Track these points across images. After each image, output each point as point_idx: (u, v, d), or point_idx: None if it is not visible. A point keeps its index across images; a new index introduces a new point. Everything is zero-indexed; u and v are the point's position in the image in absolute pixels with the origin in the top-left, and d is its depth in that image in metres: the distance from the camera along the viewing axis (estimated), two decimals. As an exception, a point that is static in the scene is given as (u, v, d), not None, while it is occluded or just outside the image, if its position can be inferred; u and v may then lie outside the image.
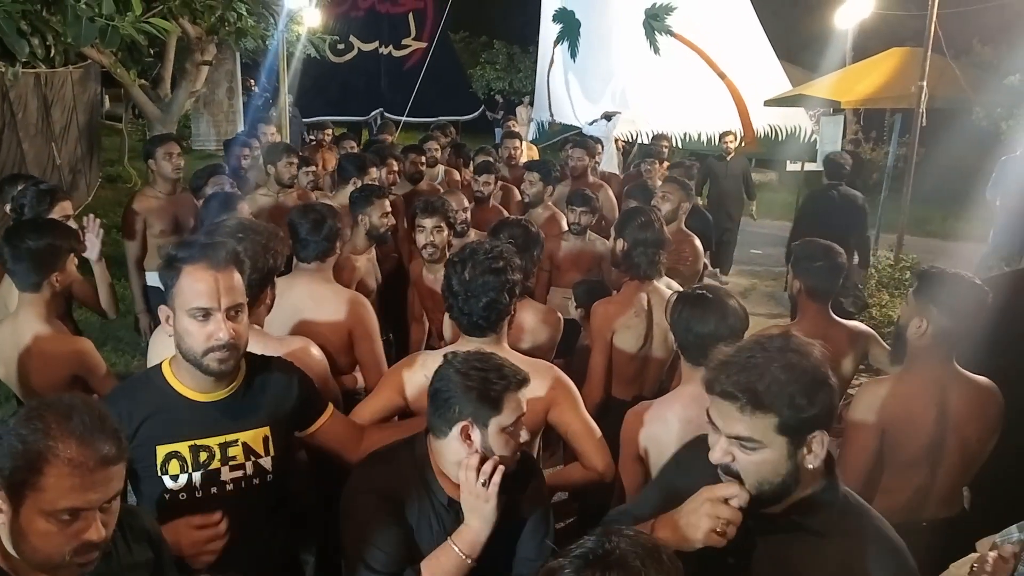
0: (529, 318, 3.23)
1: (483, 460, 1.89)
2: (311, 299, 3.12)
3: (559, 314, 3.50)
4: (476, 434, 1.92)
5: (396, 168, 6.05)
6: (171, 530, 1.97)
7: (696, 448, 1.84)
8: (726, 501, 1.55)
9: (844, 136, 11.35)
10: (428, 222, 3.85)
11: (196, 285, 1.97)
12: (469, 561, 1.89)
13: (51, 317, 2.96)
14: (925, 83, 7.70)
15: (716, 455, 1.61)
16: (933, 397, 2.55)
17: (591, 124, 13.25)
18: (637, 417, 2.48)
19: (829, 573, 1.63)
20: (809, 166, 11.53)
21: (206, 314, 1.97)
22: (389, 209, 4.20)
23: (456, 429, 1.92)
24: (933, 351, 2.58)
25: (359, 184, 4.83)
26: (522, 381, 1.97)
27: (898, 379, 2.64)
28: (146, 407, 2.01)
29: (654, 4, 13.69)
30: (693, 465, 1.81)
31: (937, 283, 2.58)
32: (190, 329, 1.98)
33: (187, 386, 2.07)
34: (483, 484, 1.87)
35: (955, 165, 8.88)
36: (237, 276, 2.05)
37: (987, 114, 11.25)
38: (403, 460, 2.03)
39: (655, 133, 10.67)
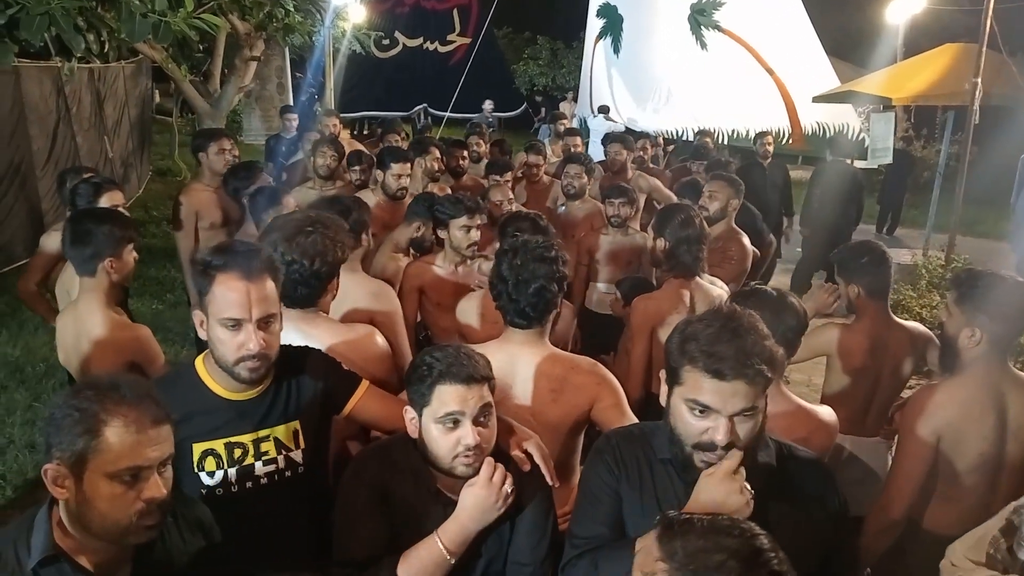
0: None
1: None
2: None
3: (571, 305, 3.46)
4: (413, 420, 1.95)
5: (439, 155, 5.85)
6: None
7: (615, 449, 1.89)
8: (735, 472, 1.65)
9: (895, 133, 11.13)
10: (477, 220, 3.74)
11: (229, 295, 1.98)
12: (451, 559, 1.86)
13: (111, 304, 3.02)
14: (980, 80, 7.52)
15: (723, 436, 1.65)
16: (991, 401, 2.48)
17: (593, 118, 13.29)
18: None
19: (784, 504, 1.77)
20: (858, 163, 11.32)
21: (237, 324, 1.99)
22: (408, 172, 4.67)
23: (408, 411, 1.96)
24: (987, 356, 2.51)
25: None
26: (470, 377, 1.89)
27: (953, 384, 2.56)
28: (182, 405, 1.99)
29: (700, 0, 13.57)
30: (627, 462, 1.86)
31: (980, 289, 2.51)
32: (222, 338, 2.01)
33: (221, 385, 2.10)
34: (509, 491, 1.87)
35: (1010, 164, 8.64)
36: (270, 284, 2.05)
37: (1044, 112, 10.93)
38: (397, 452, 2.02)
39: (699, 129, 10.60)
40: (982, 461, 2.49)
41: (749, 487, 1.64)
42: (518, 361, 2.47)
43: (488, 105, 16.42)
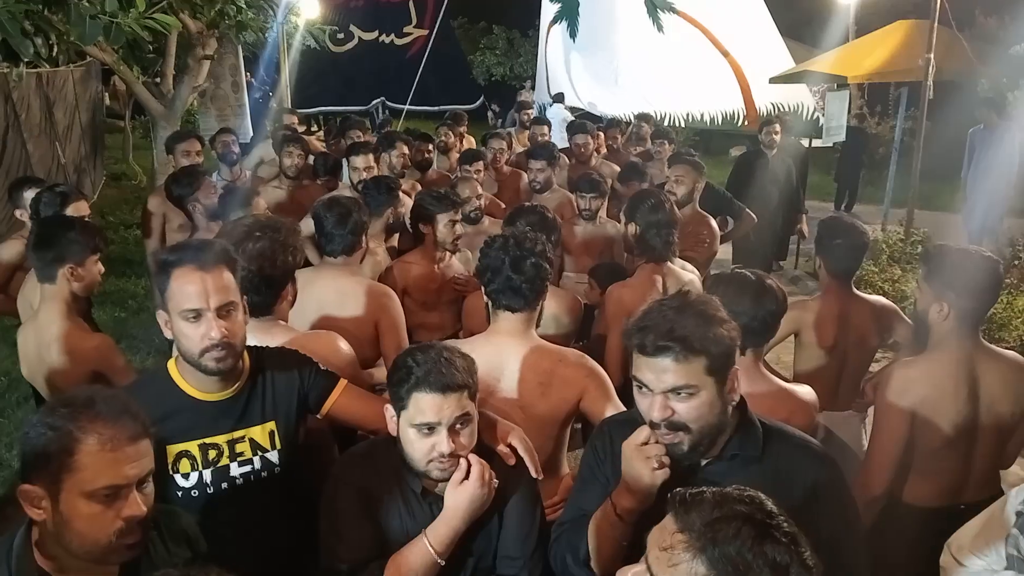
0: (552, 304, 3.21)
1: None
2: (334, 293, 3.12)
3: (579, 298, 3.50)
4: (393, 418, 1.94)
5: (406, 151, 5.80)
6: None
7: (605, 435, 1.95)
8: (644, 444, 1.68)
9: (849, 111, 11.29)
10: (459, 214, 3.82)
11: (185, 288, 1.98)
12: (440, 560, 1.87)
13: (72, 314, 2.97)
14: (932, 56, 7.64)
15: (656, 413, 1.67)
16: (963, 376, 2.51)
17: (550, 107, 13.29)
18: None
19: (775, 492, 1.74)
20: (814, 142, 11.46)
21: (197, 315, 1.98)
22: (370, 164, 4.79)
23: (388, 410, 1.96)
24: (958, 331, 2.55)
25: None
26: (447, 386, 1.86)
27: (927, 360, 2.59)
28: (155, 408, 1.96)
29: (656, -19, 13.63)
30: (615, 449, 1.86)
31: (948, 264, 2.55)
32: (185, 331, 2.00)
33: (193, 386, 2.09)
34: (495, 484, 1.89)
35: (963, 138, 8.81)
36: (227, 275, 2.04)
37: (992, 85, 11.16)
38: (381, 455, 2.02)
39: (638, 113, 10.62)
40: (957, 434, 2.52)
41: (661, 460, 1.66)
42: (505, 354, 2.47)
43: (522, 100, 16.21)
